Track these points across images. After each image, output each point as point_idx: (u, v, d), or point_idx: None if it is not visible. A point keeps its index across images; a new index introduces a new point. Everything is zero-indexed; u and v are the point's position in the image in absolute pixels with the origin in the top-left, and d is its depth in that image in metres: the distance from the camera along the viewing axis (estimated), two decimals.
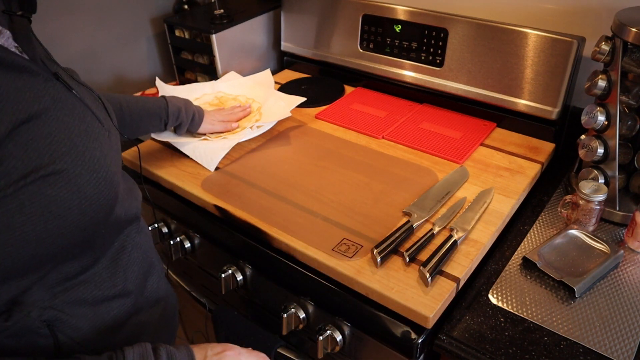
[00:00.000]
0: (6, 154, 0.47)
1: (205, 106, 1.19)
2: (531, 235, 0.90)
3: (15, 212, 0.48)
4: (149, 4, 1.49)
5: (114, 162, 0.59)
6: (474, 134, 1.10)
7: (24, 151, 0.48)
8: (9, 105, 0.48)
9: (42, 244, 0.52)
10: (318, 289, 0.84)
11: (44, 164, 0.50)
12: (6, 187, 0.47)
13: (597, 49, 0.85)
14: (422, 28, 1.16)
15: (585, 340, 0.71)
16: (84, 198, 0.53)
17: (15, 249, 0.50)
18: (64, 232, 0.53)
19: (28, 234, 0.50)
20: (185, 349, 0.60)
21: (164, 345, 0.59)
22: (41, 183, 0.49)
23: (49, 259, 0.55)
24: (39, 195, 0.49)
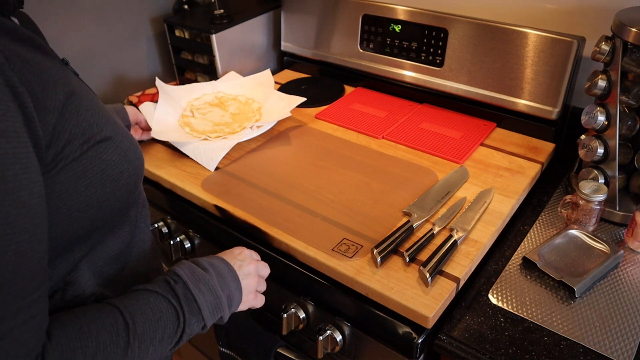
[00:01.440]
0: (67, 123, 0.50)
1: (205, 106, 1.19)
2: (531, 235, 0.90)
3: (80, 176, 0.52)
4: (149, 4, 1.49)
5: None
6: (474, 134, 1.10)
7: (79, 120, 0.51)
8: (56, 79, 0.50)
9: (100, 207, 0.55)
10: (318, 289, 0.84)
11: (95, 132, 0.53)
12: (73, 153, 0.51)
13: (597, 49, 0.85)
14: (422, 28, 1.16)
15: (585, 340, 0.71)
16: (129, 161, 0.58)
17: (80, 214, 0.53)
18: (117, 194, 0.57)
19: (91, 197, 0.54)
20: (218, 258, 0.66)
21: (200, 258, 0.64)
22: (97, 148, 0.53)
23: (102, 225, 0.58)
24: (97, 160, 0.53)
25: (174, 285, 0.57)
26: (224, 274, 0.63)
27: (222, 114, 1.17)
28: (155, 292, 0.55)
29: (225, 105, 1.21)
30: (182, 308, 0.56)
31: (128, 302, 0.54)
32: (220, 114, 1.18)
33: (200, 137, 1.08)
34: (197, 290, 0.58)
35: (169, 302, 0.55)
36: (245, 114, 1.17)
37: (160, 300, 0.55)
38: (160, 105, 1.13)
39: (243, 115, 1.17)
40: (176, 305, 0.55)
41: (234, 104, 1.21)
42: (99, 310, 0.52)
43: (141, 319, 0.52)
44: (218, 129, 1.11)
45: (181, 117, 1.15)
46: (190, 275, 0.59)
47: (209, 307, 0.58)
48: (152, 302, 0.54)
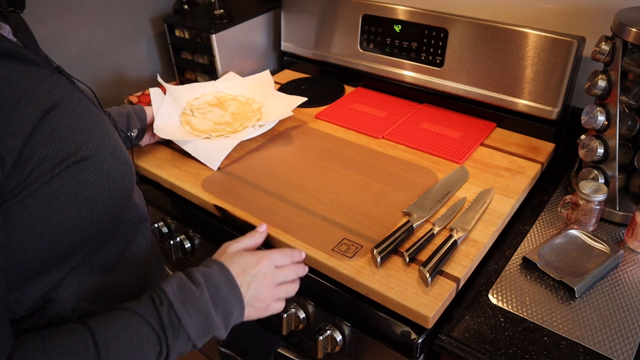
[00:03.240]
0: (37, 145, 0.48)
1: (205, 106, 1.19)
2: (531, 235, 0.90)
3: (52, 200, 0.49)
4: (149, 4, 1.49)
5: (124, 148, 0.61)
6: (474, 134, 1.10)
7: (52, 140, 0.49)
8: (31, 97, 0.48)
9: (76, 231, 0.53)
10: (318, 289, 0.84)
11: (71, 152, 0.51)
12: (42, 176, 0.48)
13: (597, 49, 0.85)
14: (422, 28, 1.16)
15: (585, 340, 0.71)
16: (111, 182, 0.55)
17: (52, 239, 0.50)
18: (95, 217, 0.54)
19: (64, 221, 0.51)
20: (216, 266, 0.60)
21: (195, 269, 0.59)
22: (72, 170, 0.51)
23: (81, 247, 0.56)
24: (72, 182, 0.51)
25: (159, 307, 0.52)
26: (219, 288, 0.58)
27: (222, 114, 1.17)
28: (136, 315, 0.51)
29: (224, 105, 1.20)
30: (165, 333, 0.52)
31: (104, 326, 0.50)
32: (221, 113, 1.17)
33: (202, 136, 1.08)
34: (185, 311, 0.54)
35: (151, 327, 0.51)
36: (245, 114, 1.17)
37: (141, 324, 0.51)
38: (165, 102, 1.13)
39: (243, 115, 1.17)
40: (158, 330, 0.51)
41: (233, 104, 1.21)
42: (70, 332, 0.49)
43: (116, 346, 0.48)
44: (219, 128, 1.11)
45: (182, 116, 1.15)
46: (178, 294, 0.54)
47: (197, 330, 0.55)
48: (131, 327, 0.50)
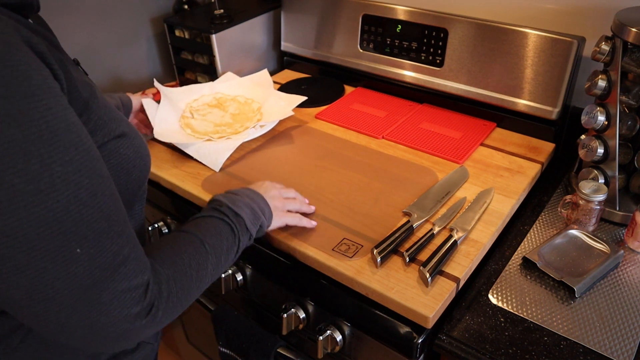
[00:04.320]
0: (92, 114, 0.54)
1: (204, 107, 1.19)
2: (531, 235, 0.90)
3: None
4: (149, 4, 1.49)
5: None
6: (474, 134, 1.10)
7: (100, 114, 0.55)
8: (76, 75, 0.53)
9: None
10: (318, 289, 0.84)
11: (114, 127, 0.57)
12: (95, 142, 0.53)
13: (597, 49, 0.85)
14: (422, 28, 1.16)
15: (585, 340, 0.71)
16: (141, 157, 0.61)
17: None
18: (128, 187, 0.61)
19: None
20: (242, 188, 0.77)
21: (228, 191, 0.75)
22: (116, 143, 0.57)
23: None
24: (115, 153, 0.57)
25: (220, 208, 0.68)
26: (251, 196, 0.74)
27: (222, 115, 1.17)
28: (210, 217, 0.67)
29: (224, 106, 1.20)
30: (233, 222, 0.67)
31: (193, 227, 0.64)
32: (220, 114, 1.17)
33: (203, 138, 1.08)
34: (238, 208, 0.69)
35: (223, 221, 0.66)
36: (245, 114, 1.17)
37: (216, 220, 0.66)
38: (162, 106, 1.13)
39: (243, 116, 1.16)
40: (228, 221, 0.67)
41: (233, 105, 1.21)
42: (175, 235, 0.62)
43: (209, 236, 0.63)
44: (220, 130, 1.11)
45: (181, 119, 1.15)
46: (228, 200, 0.70)
47: (250, 219, 0.70)
48: (210, 223, 0.65)
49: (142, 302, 0.50)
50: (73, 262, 0.44)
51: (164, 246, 0.59)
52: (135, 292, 0.49)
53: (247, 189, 0.76)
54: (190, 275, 0.57)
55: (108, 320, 0.47)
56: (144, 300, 0.50)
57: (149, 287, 0.51)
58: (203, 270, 0.60)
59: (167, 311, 0.53)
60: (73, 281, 0.45)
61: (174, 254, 0.58)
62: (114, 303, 0.47)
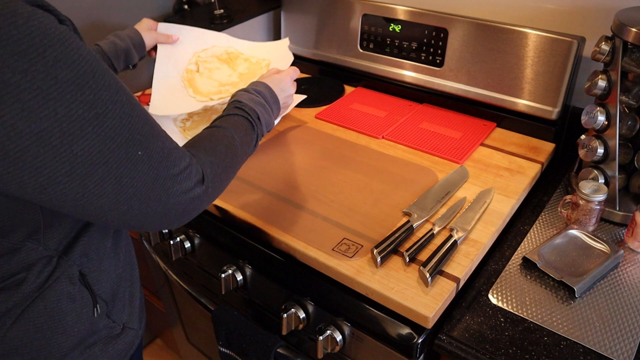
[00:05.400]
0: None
1: (213, 60, 1.13)
2: (531, 235, 0.90)
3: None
4: (149, 4, 1.49)
5: None
6: (474, 134, 1.10)
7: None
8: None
9: None
10: (318, 289, 0.84)
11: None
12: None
13: (597, 49, 0.85)
14: (422, 28, 1.16)
15: (585, 340, 0.71)
16: None
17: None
18: None
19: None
20: (262, 85, 0.84)
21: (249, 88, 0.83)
22: None
23: None
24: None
25: (243, 108, 0.77)
26: (268, 99, 0.83)
27: (230, 73, 1.11)
28: (236, 115, 0.76)
29: (234, 63, 1.13)
30: (253, 119, 0.77)
31: (225, 122, 0.74)
32: (228, 73, 1.12)
33: (204, 101, 1.02)
34: (257, 110, 0.79)
35: (245, 118, 0.76)
36: (254, 75, 1.09)
37: (241, 119, 0.76)
38: (161, 62, 1.06)
39: (252, 75, 1.09)
40: (249, 118, 0.77)
41: (244, 64, 1.13)
42: (213, 131, 0.71)
43: (237, 131, 0.73)
44: (223, 90, 1.06)
45: (185, 72, 1.08)
46: (250, 101, 0.79)
47: (264, 118, 0.80)
48: (238, 121, 0.75)
49: (195, 176, 0.60)
50: (139, 162, 0.53)
51: (204, 140, 0.69)
52: (185, 172, 0.59)
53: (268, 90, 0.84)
54: (225, 160, 0.68)
55: (175, 200, 0.58)
56: (197, 174, 0.61)
57: (193, 164, 0.61)
58: (235, 157, 0.71)
59: (214, 185, 0.64)
60: (144, 177, 0.54)
61: (213, 146, 0.68)
62: (174, 185, 0.57)
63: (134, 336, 0.75)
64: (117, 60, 1.00)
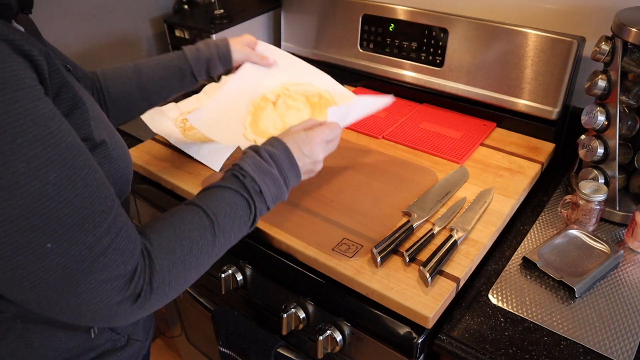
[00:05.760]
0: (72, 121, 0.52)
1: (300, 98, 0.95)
2: (531, 235, 0.90)
3: None
4: (149, 4, 1.50)
5: None
6: (474, 134, 1.10)
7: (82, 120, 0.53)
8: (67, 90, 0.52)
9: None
10: (318, 289, 0.84)
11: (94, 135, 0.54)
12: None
13: (597, 49, 0.85)
14: (422, 28, 1.16)
15: (585, 340, 0.71)
16: (116, 170, 0.58)
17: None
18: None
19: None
20: (279, 145, 0.68)
21: (262, 148, 0.68)
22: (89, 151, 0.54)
23: None
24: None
25: (244, 180, 0.63)
26: (284, 167, 0.67)
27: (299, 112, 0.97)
28: (228, 188, 0.62)
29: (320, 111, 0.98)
30: (253, 199, 0.63)
31: (208, 201, 0.60)
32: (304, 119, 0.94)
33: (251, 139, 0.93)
34: (263, 183, 0.64)
35: (242, 196, 0.62)
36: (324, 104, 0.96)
37: (234, 195, 0.62)
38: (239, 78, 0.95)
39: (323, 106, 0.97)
40: (247, 198, 0.62)
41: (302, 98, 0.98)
42: (186, 212, 0.59)
43: (222, 214, 0.59)
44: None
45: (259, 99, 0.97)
46: (256, 170, 0.64)
47: (272, 196, 0.66)
48: (228, 198, 0.61)
49: (125, 291, 0.49)
50: (45, 256, 0.45)
51: (166, 228, 0.56)
52: (117, 282, 0.48)
53: (286, 155, 0.67)
54: (189, 262, 0.56)
55: (89, 308, 0.48)
56: (127, 289, 0.50)
57: (136, 275, 0.50)
58: (205, 254, 0.58)
59: (157, 299, 0.53)
60: (48, 274, 0.45)
61: (174, 240, 0.55)
62: (92, 293, 0.47)
63: (140, 347, 0.72)
64: (197, 67, 0.90)
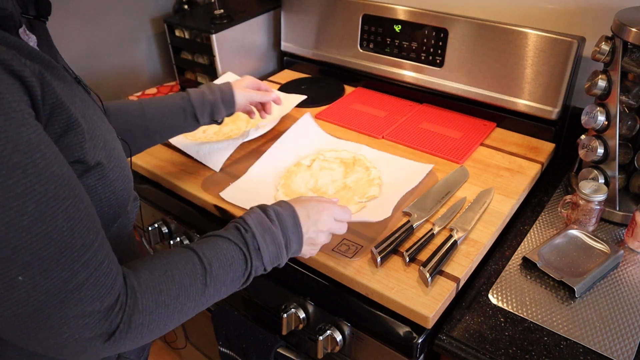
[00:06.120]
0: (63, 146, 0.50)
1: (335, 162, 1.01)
2: (531, 235, 0.90)
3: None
4: (149, 4, 1.50)
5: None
6: (474, 134, 1.10)
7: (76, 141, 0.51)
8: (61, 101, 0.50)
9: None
10: (318, 289, 0.84)
11: (88, 157, 0.52)
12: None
13: (597, 49, 0.85)
14: (422, 28, 1.16)
15: (585, 340, 0.71)
16: (112, 192, 0.57)
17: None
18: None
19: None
20: (288, 207, 0.67)
21: (270, 207, 0.66)
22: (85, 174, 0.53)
23: None
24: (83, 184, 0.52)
25: (245, 234, 0.61)
26: (288, 227, 0.65)
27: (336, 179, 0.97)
28: (228, 240, 0.60)
29: (352, 169, 0.99)
30: (250, 255, 0.61)
31: (205, 248, 0.59)
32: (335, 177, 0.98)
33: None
34: (263, 241, 0.62)
35: (240, 250, 0.60)
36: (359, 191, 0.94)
37: (232, 247, 0.60)
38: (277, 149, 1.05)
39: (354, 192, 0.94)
40: (245, 252, 0.60)
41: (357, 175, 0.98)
42: (180, 255, 0.57)
43: (216, 264, 0.58)
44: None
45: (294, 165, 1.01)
46: (258, 227, 0.63)
47: (270, 256, 0.63)
48: (226, 249, 0.59)
49: (99, 328, 0.47)
50: (14, 288, 0.43)
51: (157, 267, 0.55)
52: (90, 318, 0.47)
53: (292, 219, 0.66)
54: (173, 307, 0.54)
55: (57, 342, 0.46)
56: (102, 326, 0.48)
57: (113, 312, 0.48)
58: (192, 302, 0.56)
59: (132, 339, 0.51)
60: (16, 306, 0.44)
61: (164, 282, 0.54)
62: (63, 328, 0.46)
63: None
64: (201, 111, 0.90)
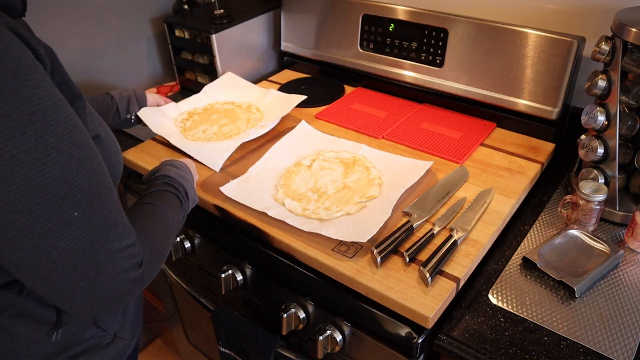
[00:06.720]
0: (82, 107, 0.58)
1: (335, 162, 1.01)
2: (531, 235, 0.90)
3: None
4: (149, 4, 1.50)
5: None
6: (474, 134, 1.10)
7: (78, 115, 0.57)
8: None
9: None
10: (318, 289, 0.84)
11: (89, 129, 0.57)
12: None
13: (597, 49, 0.85)
14: (422, 28, 1.16)
15: (585, 340, 0.71)
16: (109, 163, 0.62)
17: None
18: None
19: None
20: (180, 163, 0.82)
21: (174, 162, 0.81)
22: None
23: None
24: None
25: (172, 182, 0.75)
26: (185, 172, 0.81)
27: (337, 179, 0.97)
28: (167, 191, 0.73)
29: (352, 169, 0.99)
30: (180, 194, 0.74)
31: (158, 200, 0.70)
32: (335, 177, 0.97)
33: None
34: (185, 184, 0.77)
35: (175, 195, 0.73)
36: (359, 191, 0.93)
37: (172, 196, 0.73)
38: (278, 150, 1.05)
39: (355, 192, 0.93)
40: (179, 196, 0.74)
41: (358, 175, 0.97)
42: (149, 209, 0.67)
43: (170, 209, 0.69)
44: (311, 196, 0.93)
45: (294, 166, 1.01)
46: (177, 176, 0.77)
47: (191, 195, 0.78)
48: (170, 198, 0.72)
49: (133, 259, 0.55)
50: (72, 224, 0.49)
51: (141, 219, 0.64)
52: (126, 251, 0.54)
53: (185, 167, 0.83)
54: (162, 243, 0.64)
55: (104, 279, 0.52)
56: (135, 257, 0.55)
57: (137, 245, 0.56)
58: (169, 239, 0.68)
59: (150, 269, 0.59)
60: (73, 242, 0.49)
61: (150, 227, 0.64)
62: (108, 262, 0.52)
63: (125, 346, 0.73)
64: (121, 103, 1.06)
